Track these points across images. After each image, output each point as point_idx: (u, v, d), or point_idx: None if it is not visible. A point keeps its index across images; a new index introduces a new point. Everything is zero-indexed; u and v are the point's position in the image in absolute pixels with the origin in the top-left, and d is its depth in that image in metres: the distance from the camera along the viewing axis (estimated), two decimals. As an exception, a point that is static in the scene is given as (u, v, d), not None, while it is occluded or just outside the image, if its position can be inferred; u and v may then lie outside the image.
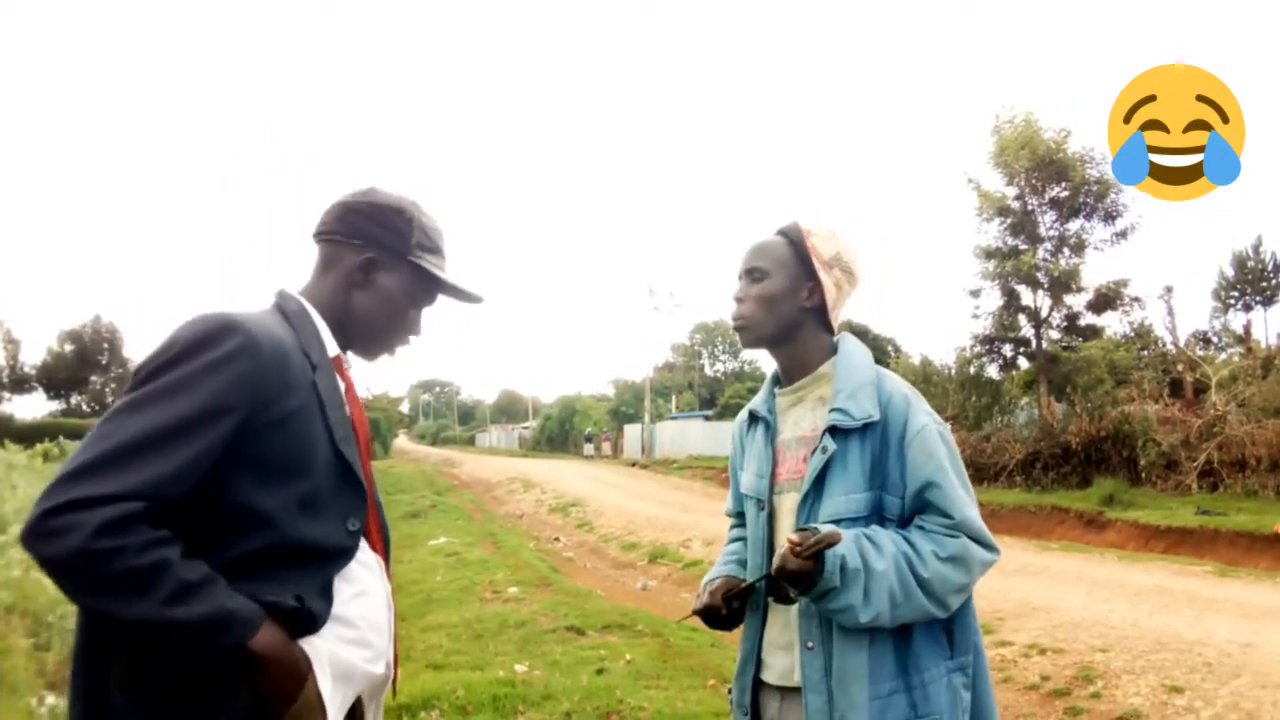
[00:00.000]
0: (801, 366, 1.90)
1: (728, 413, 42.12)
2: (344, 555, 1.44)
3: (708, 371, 61.55)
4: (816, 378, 1.88)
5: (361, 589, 1.47)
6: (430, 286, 1.64)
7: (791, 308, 1.86)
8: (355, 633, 1.43)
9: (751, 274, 1.88)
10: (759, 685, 1.88)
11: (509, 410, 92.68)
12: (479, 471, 31.91)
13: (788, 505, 1.84)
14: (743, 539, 2.02)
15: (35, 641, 4.19)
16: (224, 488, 1.32)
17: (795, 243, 1.87)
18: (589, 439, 45.33)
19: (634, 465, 33.48)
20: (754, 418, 1.98)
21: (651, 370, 47.39)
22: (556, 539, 14.70)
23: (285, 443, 1.37)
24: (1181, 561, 10.12)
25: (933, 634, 1.74)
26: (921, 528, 1.73)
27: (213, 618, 1.23)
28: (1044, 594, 7.96)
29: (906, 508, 1.74)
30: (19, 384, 68.05)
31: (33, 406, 69.04)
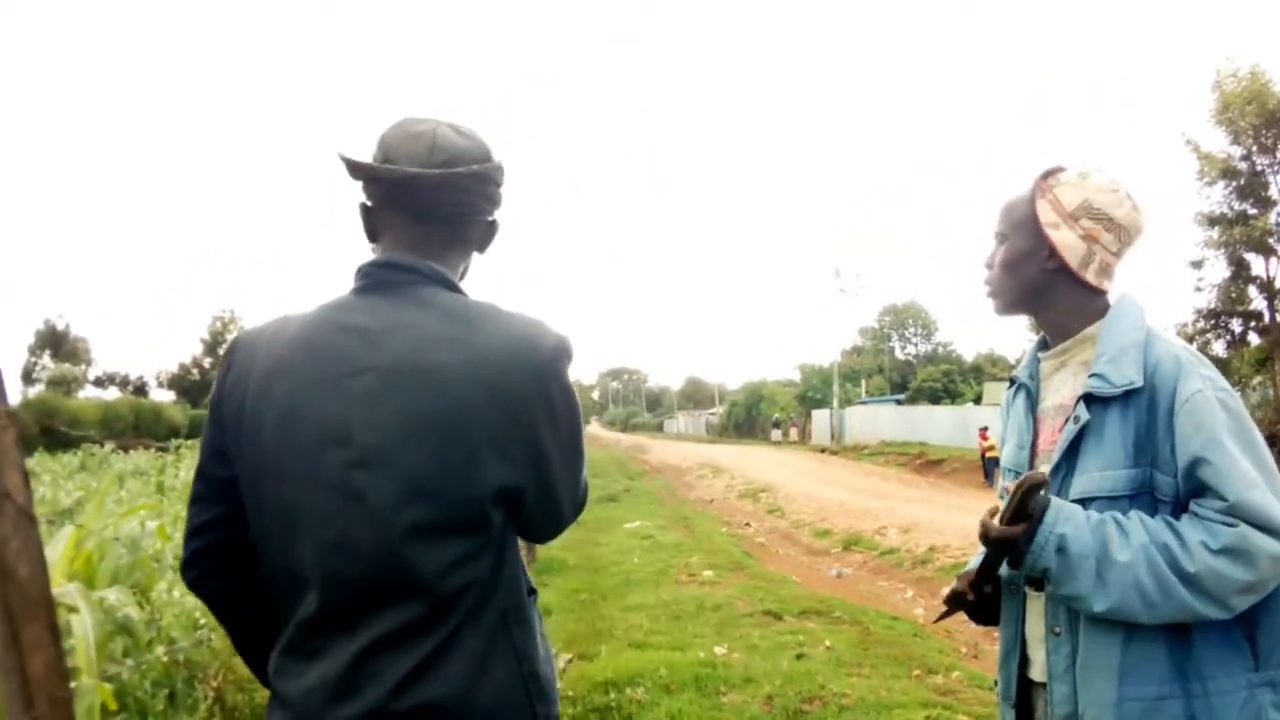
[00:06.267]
0: (1062, 330, 1.71)
1: (920, 397, 40.75)
2: None
3: (899, 355, 59.81)
4: (1081, 340, 1.68)
5: None
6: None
7: (1033, 270, 1.68)
8: None
9: (997, 237, 1.75)
10: (1026, 680, 1.71)
11: (695, 396, 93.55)
12: (668, 457, 32.45)
13: None
14: None
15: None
16: None
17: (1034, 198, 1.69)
18: (776, 425, 45.13)
19: (823, 451, 33.07)
20: (1015, 385, 1.82)
21: (839, 354, 46.40)
22: (747, 524, 14.75)
23: None
24: None
25: (1225, 637, 1.50)
26: (1195, 513, 1.49)
27: None
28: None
29: (1181, 489, 1.51)
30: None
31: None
